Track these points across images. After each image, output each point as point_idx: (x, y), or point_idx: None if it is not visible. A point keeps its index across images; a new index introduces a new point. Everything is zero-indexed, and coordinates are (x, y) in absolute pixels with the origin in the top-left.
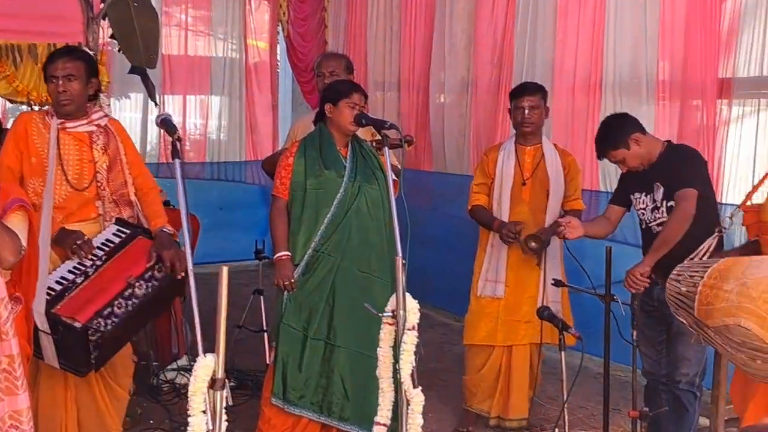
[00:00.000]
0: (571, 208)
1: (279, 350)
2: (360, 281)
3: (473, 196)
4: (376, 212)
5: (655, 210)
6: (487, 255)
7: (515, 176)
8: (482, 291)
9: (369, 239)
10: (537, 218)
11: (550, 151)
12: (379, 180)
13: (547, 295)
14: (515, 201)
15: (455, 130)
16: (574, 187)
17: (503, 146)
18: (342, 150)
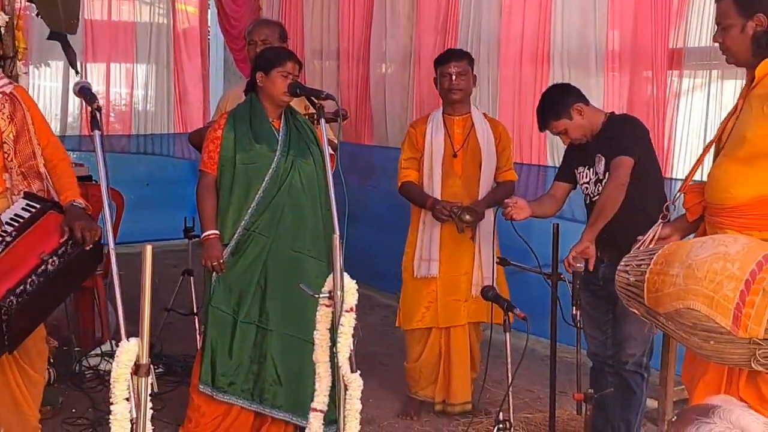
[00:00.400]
0: (504, 180)
1: (207, 334)
2: (294, 261)
3: (402, 172)
4: (311, 188)
5: (598, 183)
6: (420, 233)
7: (445, 149)
8: (417, 271)
9: (303, 217)
10: (470, 191)
11: (480, 121)
12: (314, 154)
13: (482, 270)
14: (447, 174)
15: (397, 102)
16: (506, 157)
17: (431, 118)
18: (274, 122)
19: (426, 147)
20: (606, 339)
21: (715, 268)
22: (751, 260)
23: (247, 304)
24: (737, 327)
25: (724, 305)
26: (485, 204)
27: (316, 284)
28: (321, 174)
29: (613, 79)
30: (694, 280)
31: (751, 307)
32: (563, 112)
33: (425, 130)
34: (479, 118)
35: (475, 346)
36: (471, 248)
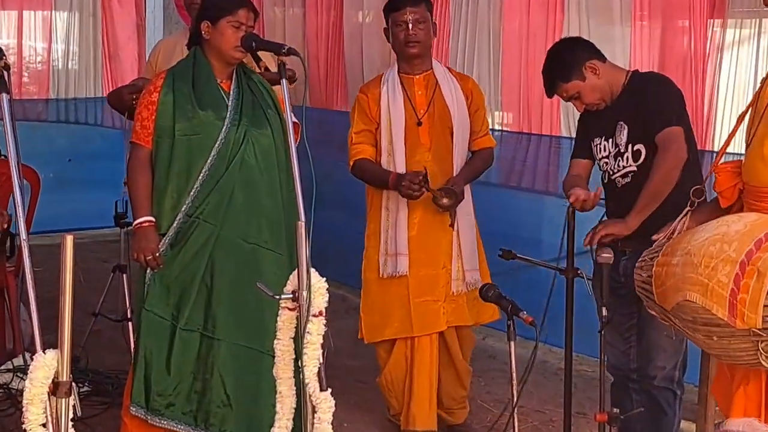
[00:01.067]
0: (481, 148)
1: (141, 345)
2: (247, 255)
3: (354, 148)
4: (269, 165)
5: (619, 157)
6: (383, 222)
7: (407, 116)
8: (383, 270)
9: (259, 200)
10: (443, 166)
11: (446, 78)
12: (273, 123)
13: (462, 261)
14: (412, 148)
15: (377, 59)
16: (481, 119)
17: (384, 79)
18: (223, 83)
19: (382, 116)
20: (629, 348)
21: (711, 252)
22: (749, 239)
23: (189, 308)
24: (734, 317)
25: (718, 292)
26: (463, 180)
27: (276, 283)
28: (281, 147)
29: (642, 30)
30: (691, 267)
31: (746, 292)
32: (574, 71)
33: (379, 94)
34: (443, 74)
35: (463, 355)
36: (448, 235)
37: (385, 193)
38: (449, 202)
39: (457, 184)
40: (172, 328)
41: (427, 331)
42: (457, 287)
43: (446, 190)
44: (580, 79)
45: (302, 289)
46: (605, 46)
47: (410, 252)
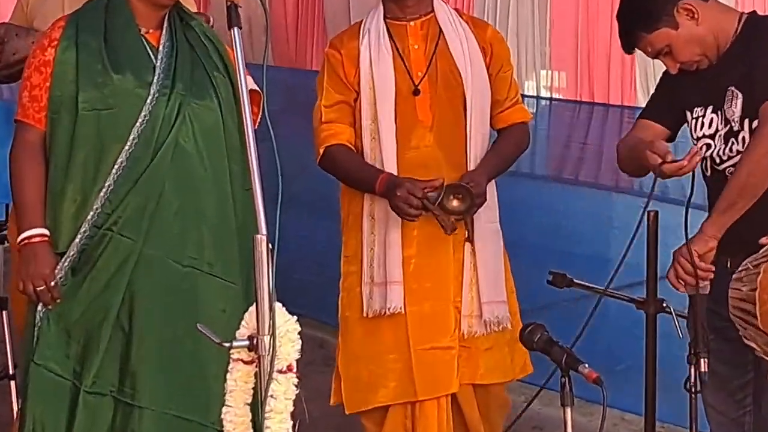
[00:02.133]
0: (510, 124)
1: (28, 414)
2: (182, 283)
3: (324, 130)
4: (214, 153)
5: (732, 138)
6: (366, 237)
7: (398, 81)
8: (368, 306)
9: (199, 204)
10: (453, 153)
11: (453, 24)
12: (222, 91)
13: (479, 290)
14: (407, 127)
15: None
16: (506, 82)
17: (365, 28)
18: (150, 34)
19: (363, 82)
20: (743, 416)
21: None
22: None
23: (97, 361)
24: None
25: None
26: (485, 173)
27: (225, 324)
28: (233, 127)
29: None
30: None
31: None
32: (662, 16)
33: (357, 50)
34: (450, 17)
35: (490, 427)
36: (459, 255)
37: (368, 196)
38: (460, 205)
39: (474, 180)
40: (74, 391)
41: (435, 394)
42: (469, 327)
43: (456, 189)
44: (671, 27)
45: (263, 333)
46: None
47: (407, 279)
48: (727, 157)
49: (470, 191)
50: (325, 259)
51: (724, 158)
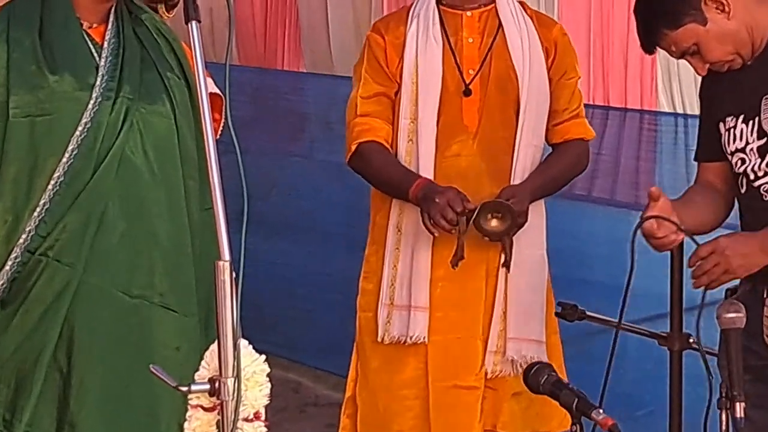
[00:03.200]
0: (567, 139)
1: None
2: (130, 316)
3: (358, 124)
4: (167, 166)
5: None
6: (390, 253)
7: (446, 78)
8: (385, 331)
9: (150, 225)
10: (497, 166)
11: (516, 18)
12: (177, 95)
13: (512, 324)
14: (448, 132)
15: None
16: (569, 90)
17: (415, 11)
18: (93, 30)
19: (406, 75)
20: None
21: None
22: None
23: (30, 408)
24: None
25: None
26: (530, 191)
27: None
28: (190, 136)
29: None
30: None
31: None
32: (688, 11)
33: (404, 37)
34: (513, 11)
35: None
36: (492, 283)
37: (397, 204)
38: (502, 226)
39: (517, 197)
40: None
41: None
42: (494, 365)
43: (495, 207)
44: (699, 23)
45: (226, 375)
46: None
47: (433, 305)
48: (763, 173)
49: (511, 209)
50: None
51: (759, 174)
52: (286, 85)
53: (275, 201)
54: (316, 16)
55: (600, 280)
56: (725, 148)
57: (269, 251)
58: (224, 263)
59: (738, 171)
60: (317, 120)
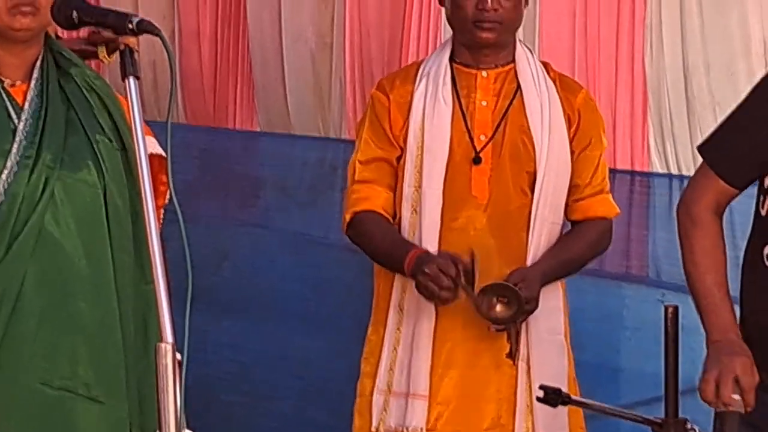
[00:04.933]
0: (588, 217)
1: None
2: (51, 409)
3: (356, 191)
4: (93, 241)
5: None
6: (390, 334)
7: (454, 143)
8: (380, 419)
9: (71, 307)
10: (509, 243)
11: (537, 80)
12: (108, 160)
13: (534, 419)
14: (456, 203)
15: (310, 33)
16: (591, 162)
17: (424, 70)
18: (14, 88)
19: (411, 138)
20: None
21: None
22: None
23: None
24: None
25: None
26: (541, 275)
27: None
28: (123, 205)
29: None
30: None
31: None
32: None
33: (411, 96)
34: (534, 72)
35: None
36: (506, 370)
37: (400, 281)
38: (507, 313)
39: (527, 280)
40: None
41: None
42: None
43: (500, 290)
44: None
45: None
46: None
47: (434, 393)
48: None
49: (518, 295)
50: (254, 373)
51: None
52: (238, 145)
53: (226, 275)
54: (272, 71)
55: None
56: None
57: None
58: (166, 345)
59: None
60: (273, 185)
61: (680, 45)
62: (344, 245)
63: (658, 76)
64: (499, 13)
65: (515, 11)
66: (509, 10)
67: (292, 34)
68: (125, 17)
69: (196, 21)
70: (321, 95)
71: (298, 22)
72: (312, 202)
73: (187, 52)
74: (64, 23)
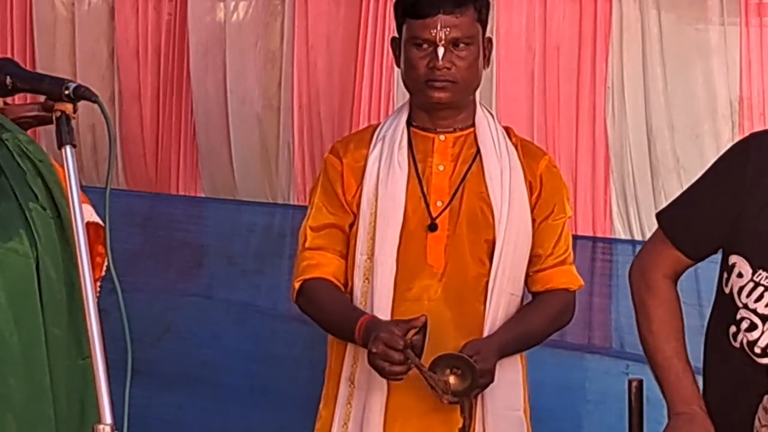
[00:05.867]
0: (549, 288)
1: None
2: None
3: (305, 258)
4: (24, 314)
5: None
6: (341, 407)
7: (409, 210)
8: None
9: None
10: (464, 315)
11: (497, 144)
12: (41, 229)
13: None
14: (410, 272)
15: (256, 96)
16: (554, 232)
17: (380, 134)
18: None
19: (364, 205)
20: None
21: None
22: None
23: None
24: None
25: None
26: (498, 346)
27: None
28: (56, 276)
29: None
30: None
31: None
32: None
33: (365, 160)
34: (494, 136)
35: None
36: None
37: (351, 352)
38: (461, 386)
39: (481, 353)
40: None
41: None
42: None
43: (457, 362)
44: None
45: None
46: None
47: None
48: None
49: (472, 366)
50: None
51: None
52: (181, 212)
53: (169, 347)
54: (217, 134)
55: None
56: (732, 289)
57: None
58: (104, 427)
59: (737, 327)
60: (217, 253)
61: (643, 106)
62: (292, 316)
63: (620, 138)
64: (451, 71)
65: (469, 70)
66: (462, 69)
67: (237, 96)
68: (61, 83)
69: (137, 82)
70: (268, 159)
71: (244, 83)
72: (259, 270)
73: (127, 115)
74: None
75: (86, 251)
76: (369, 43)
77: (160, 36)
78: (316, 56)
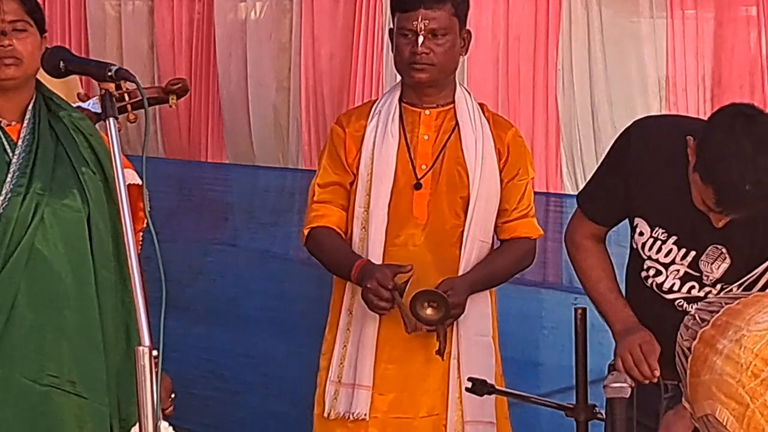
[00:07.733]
0: (514, 236)
1: None
2: (39, 405)
3: (314, 210)
4: (78, 258)
5: (692, 283)
6: (341, 333)
7: (399, 171)
8: (331, 407)
9: (59, 315)
10: (443, 257)
11: (473, 118)
12: (91, 189)
13: (463, 409)
14: (398, 222)
15: (271, 80)
16: (518, 190)
17: (377, 107)
18: (10, 128)
19: (362, 166)
20: None
21: None
22: None
23: None
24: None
25: (759, 424)
26: (468, 284)
27: None
28: (105, 229)
29: (685, 23)
30: (734, 366)
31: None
32: None
33: (363, 131)
34: (471, 111)
35: None
36: (440, 366)
37: (350, 288)
38: (435, 316)
39: (454, 289)
40: None
41: None
42: None
43: (431, 297)
44: None
45: None
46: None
47: (376, 384)
48: (682, 297)
49: (446, 300)
50: (225, 371)
51: (675, 290)
52: (209, 175)
53: (200, 287)
54: (238, 111)
55: (511, 356)
56: (637, 244)
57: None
58: (144, 348)
59: (647, 273)
60: (240, 209)
61: (588, 85)
62: (302, 260)
63: (569, 111)
64: (430, 56)
65: (446, 55)
66: (440, 54)
67: (255, 80)
68: (105, 66)
69: (172, 69)
70: (280, 131)
71: (261, 69)
72: (274, 223)
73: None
74: (52, 72)
75: (128, 207)
76: (363, 35)
77: (191, 31)
78: (320, 46)
